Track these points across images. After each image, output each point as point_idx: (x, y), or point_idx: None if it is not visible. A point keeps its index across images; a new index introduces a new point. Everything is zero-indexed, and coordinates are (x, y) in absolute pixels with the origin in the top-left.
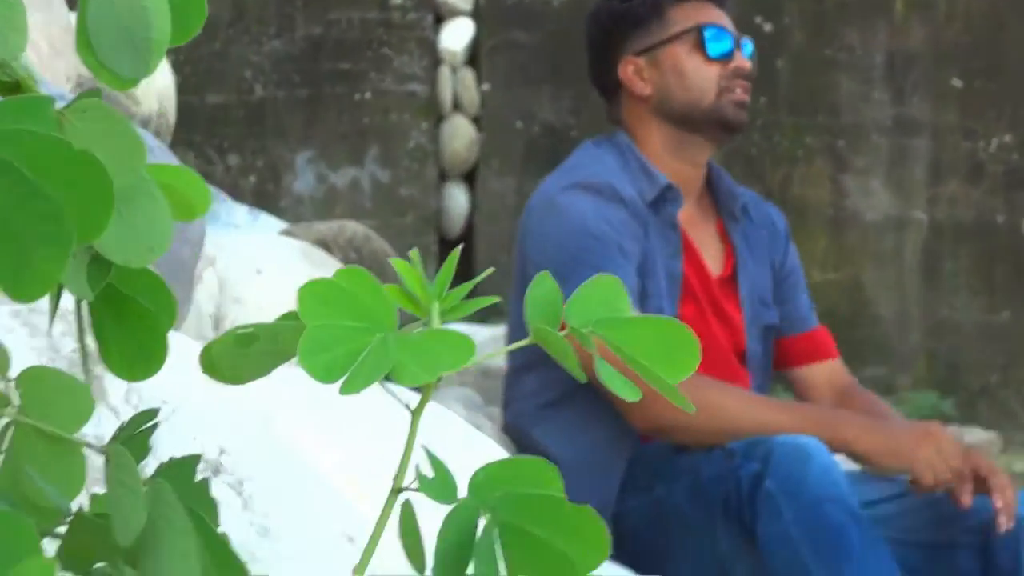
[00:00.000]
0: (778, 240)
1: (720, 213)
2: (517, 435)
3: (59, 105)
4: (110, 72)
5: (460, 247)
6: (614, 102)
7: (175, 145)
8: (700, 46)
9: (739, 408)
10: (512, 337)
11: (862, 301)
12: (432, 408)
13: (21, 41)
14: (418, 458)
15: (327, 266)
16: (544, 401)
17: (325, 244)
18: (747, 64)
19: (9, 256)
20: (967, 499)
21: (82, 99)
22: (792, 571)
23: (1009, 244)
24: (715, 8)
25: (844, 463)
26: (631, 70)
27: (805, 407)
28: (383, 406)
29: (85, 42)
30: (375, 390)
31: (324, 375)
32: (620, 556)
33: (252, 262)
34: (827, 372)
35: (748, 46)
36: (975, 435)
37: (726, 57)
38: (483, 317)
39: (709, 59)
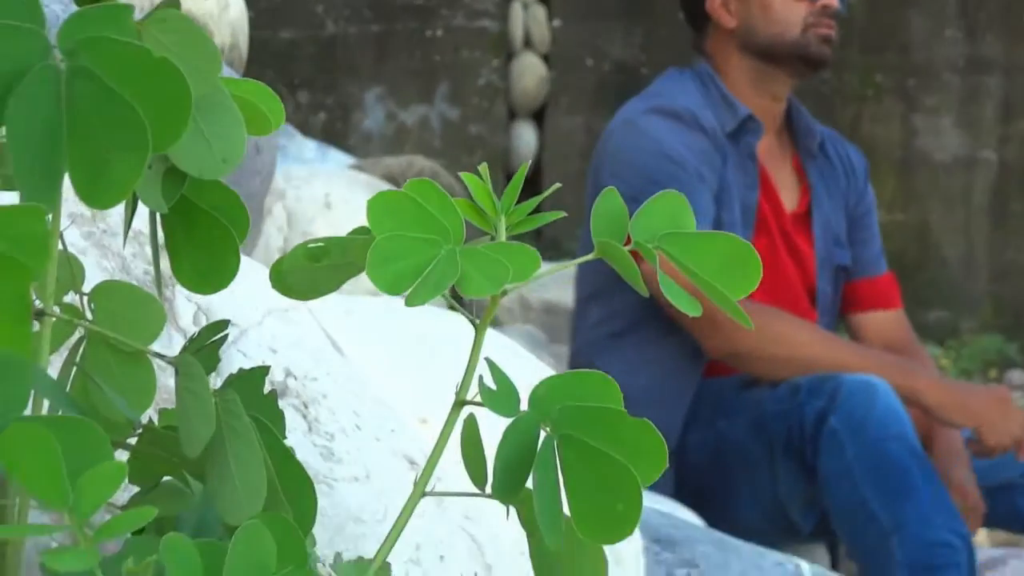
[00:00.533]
0: (855, 180)
1: (797, 149)
2: (582, 364)
3: (138, 17)
4: None
5: (529, 162)
6: (701, 33)
7: None
8: None
9: (812, 342)
10: (581, 267)
11: (929, 243)
12: (495, 338)
13: None
14: (482, 372)
15: None
16: (610, 331)
17: (393, 179)
18: (834, 2)
19: (87, 162)
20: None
21: (160, 9)
22: (852, 508)
23: None
24: None
25: None
26: (719, 2)
27: (878, 351)
28: (450, 336)
29: None
30: (443, 319)
31: (391, 286)
32: (681, 491)
33: (321, 196)
34: (887, 321)
35: None
36: None
37: None
38: (550, 256)
39: None
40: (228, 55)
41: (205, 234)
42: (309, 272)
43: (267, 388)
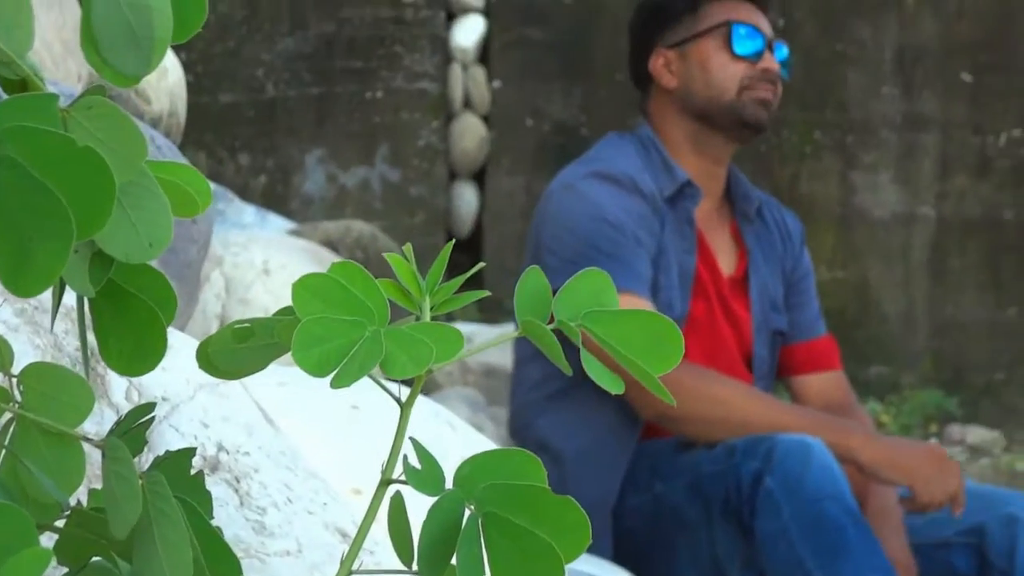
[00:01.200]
0: (791, 245)
1: (735, 214)
2: (521, 425)
3: (66, 103)
4: (113, 69)
5: (453, 241)
6: (644, 94)
7: (186, 145)
8: (728, 43)
9: (746, 402)
10: None
11: (869, 299)
12: (430, 407)
13: (26, 38)
14: (407, 450)
15: None
16: (548, 392)
17: (332, 244)
18: (775, 66)
19: (11, 251)
20: (960, 512)
21: (86, 96)
22: (789, 568)
23: (1017, 240)
24: (752, 8)
25: None
26: (661, 63)
27: (811, 410)
28: (382, 407)
29: (90, 39)
30: (377, 388)
31: (316, 368)
32: (620, 554)
33: (260, 262)
34: (826, 383)
35: (782, 49)
36: (978, 434)
37: (754, 57)
38: (492, 317)
39: (736, 56)
40: (167, 122)
41: (132, 317)
42: (235, 352)
43: (199, 463)
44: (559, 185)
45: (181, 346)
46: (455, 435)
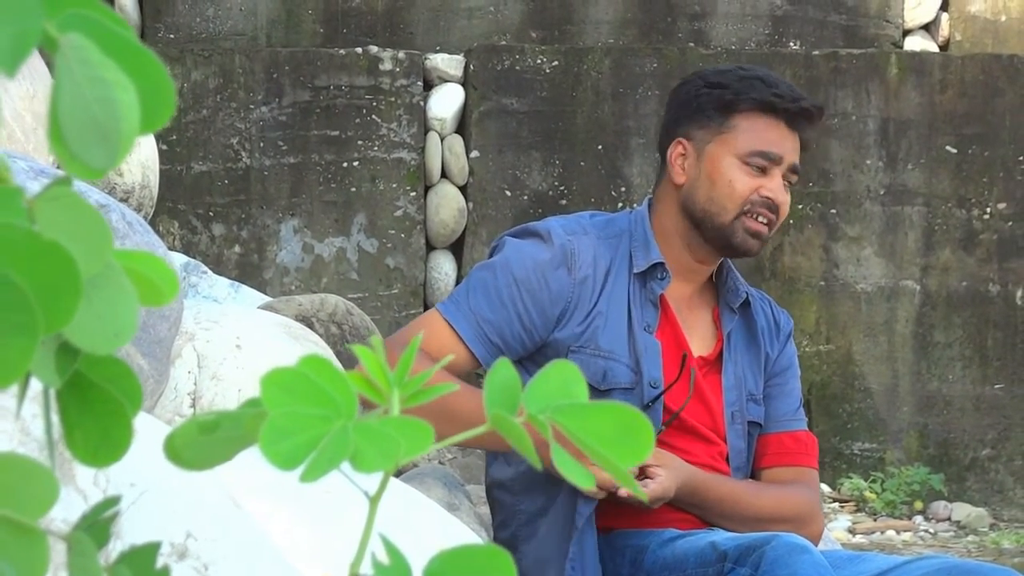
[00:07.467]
0: (777, 335)
1: (719, 302)
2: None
3: (37, 186)
4: (80, 163)
5: (422, 334)
6: (660, 173)
7: (159, 214)
8: (744, 161)
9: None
10: None
11: (853, 374)
12: (406, 492)
13: None
14: (376, 544)
15: (308, 341)
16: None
17: (306, 318)
18: (782, 197)
19: None
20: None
21: (53, 188)
22: None
23: (1002, 314)
24: (784, 130)
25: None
26: (678, 152)
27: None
28: (356, 491)
29: (56, 133)
30: (351, 471)
31: (284, 463)
32: None
33: (232, 338)
34: (792, 476)
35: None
36: (964, 511)
37: (764, 174)
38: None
39: (746, 174)
40: (139, 194)
41: (98, 408)
42: (202, 444)
43: (167, 550)
44: None
45: (150, 431)
46: (429, 519)
